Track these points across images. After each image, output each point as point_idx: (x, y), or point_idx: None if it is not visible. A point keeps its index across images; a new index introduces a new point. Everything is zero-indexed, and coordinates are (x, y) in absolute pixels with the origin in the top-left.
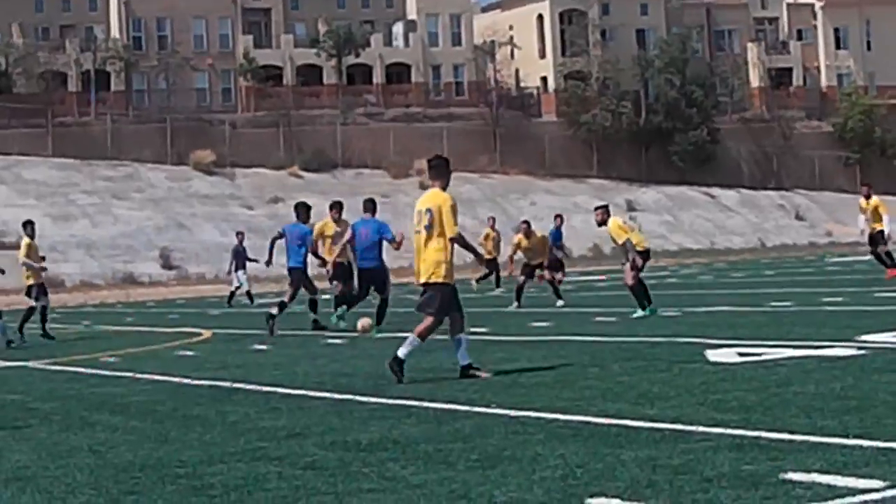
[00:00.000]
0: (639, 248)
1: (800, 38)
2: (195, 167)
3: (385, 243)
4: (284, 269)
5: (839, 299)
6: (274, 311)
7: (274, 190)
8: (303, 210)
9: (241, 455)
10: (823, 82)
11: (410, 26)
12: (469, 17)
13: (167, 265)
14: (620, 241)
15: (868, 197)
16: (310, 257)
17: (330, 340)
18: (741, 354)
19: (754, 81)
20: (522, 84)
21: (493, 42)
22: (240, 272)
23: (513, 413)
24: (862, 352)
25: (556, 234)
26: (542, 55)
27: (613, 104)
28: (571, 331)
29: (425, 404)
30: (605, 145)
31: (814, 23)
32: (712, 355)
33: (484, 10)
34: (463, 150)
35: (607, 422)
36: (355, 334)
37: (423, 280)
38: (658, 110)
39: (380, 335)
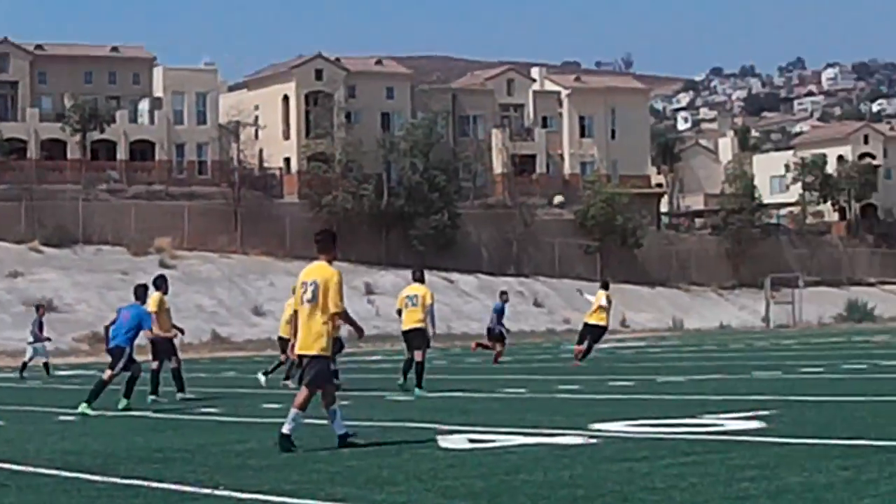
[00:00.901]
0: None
1: (545, 125)
2: None
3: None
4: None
5: (573, 387)
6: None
7: (13, 264)
8: (141, 291)
9: None
10: (567, 170)
11: (156, 103)
12: (215, 96)
13: None
14: None
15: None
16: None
17: (62, 417)
18: (472, 441)
19: (497, 167)
20: (266, 164)
21: (237, 122)
22: (37, 344)
23: (239, 495)
24: (593, 440)
25: (500, 309)
26: (287, 136)
27: (355, 186)
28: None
29: (154, 484)
30: (346, 227)
31: (560, 110)
32: (443, 441)
33: (231, 88)
34: (203, 229)
35: None
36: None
37: (302, 352)
38: (400, 194)
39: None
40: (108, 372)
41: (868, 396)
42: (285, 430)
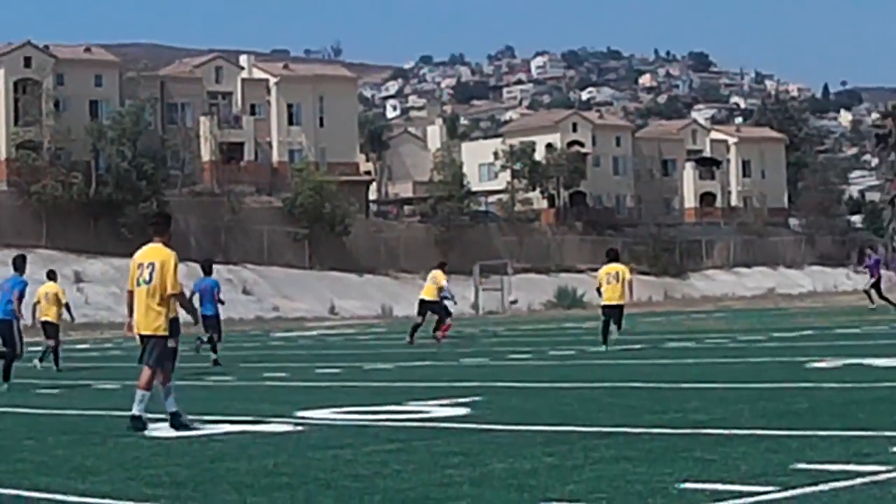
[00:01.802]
0: None
1: (253, 113)
2: None
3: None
4: None
5: (280, 374)
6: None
7: None
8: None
9: None
10: (275, 158)
11: None
12: None
13: None
14: None
15: None
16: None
17: None
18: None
19: (206, 155)
20: None
21: None
22: None
23: None
24: (299, 428)
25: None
26: None
27: (64, 174)
28: (11, 403)
29: None
30: (55, 215)
31: (268, 98)
32: (148, 429)
33: None
34: None
35: (38, 496)
36: None
37: (143, 332)
38: (109, 182)
39: None
40: None
41: (574, 383)
42: (136, 411)
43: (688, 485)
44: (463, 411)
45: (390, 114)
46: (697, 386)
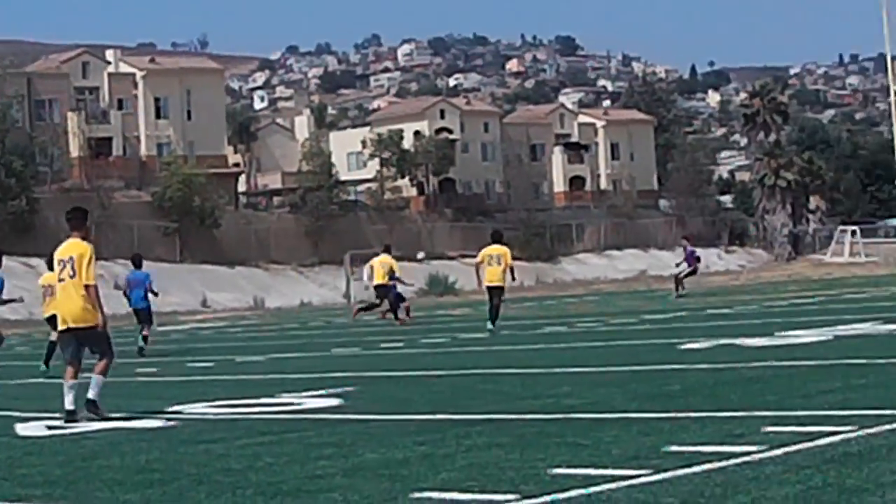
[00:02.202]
0: None
1: (121, 107)
2: None
3: None
4: None
5: (152, 370)
6: None
7: None
8: None
9: None
10: (143, 152)
11: None
12: None
13: None
14: None
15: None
16: None
17: None
18: (50, 427)
19: (74, 151)
20: None
21: None
22: None
23: None
24: (171, 423)
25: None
26: None
27: None
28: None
29: None
30: None
31: (135, 92)
32: (21, 429)
33: None
34: None
35: None
36: None
37: (79, 325)
38: None
39: None
40: None
41: (447, 370)
42: (91, 395)
43: (560, 470)
44: (335, 402)
45: (258, 105)
46: (570, 370)
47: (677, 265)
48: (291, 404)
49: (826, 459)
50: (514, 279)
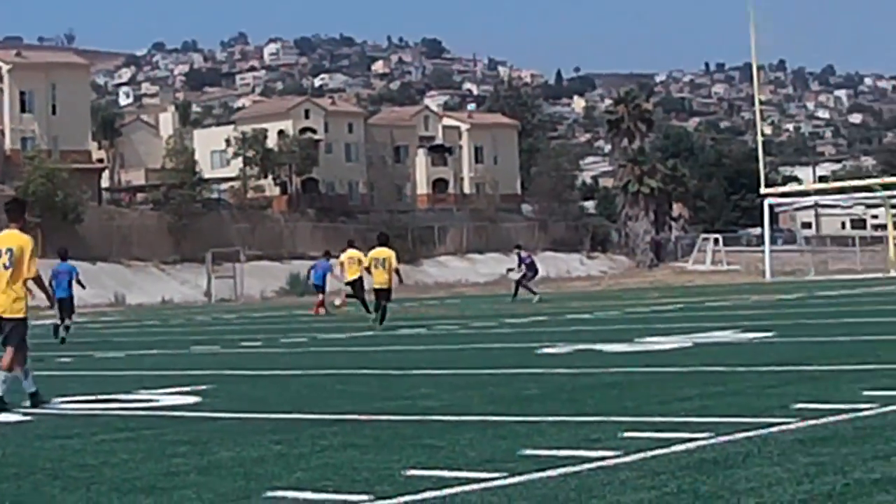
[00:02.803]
0: None
1: None
2: None
3: None
4: None
5: None
6: None
7: None
8: None
9: None
10: (7, 145)
11: None
12: None
13: None
14: None
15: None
16: None
17: None
18: None
19: None
20: None
21: None
22: None
23: None
24: (27, 418)
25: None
26: None
27: None
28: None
29: None
30: None
31: (0, 86)
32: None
33: None
34: None
35: None
36: None
37: (5, 315)
38: None
39: None
40: None
41: (305, 370)
42: None
43: (415, 472)
44: (192, 399)
45: (123, 101)
46: (428, 373)
47: (508, 271)
48: (149, 401)
49: (682, 466)
50: (400, 281)
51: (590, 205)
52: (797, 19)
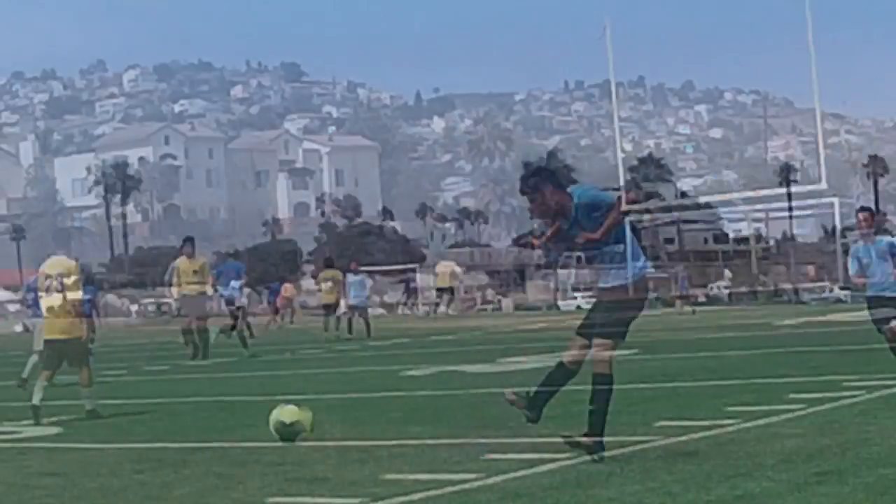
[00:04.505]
0: None
1: None
2: None
3: None
4: None
5: None
6: None
7: None
8: None
9: None
10: None
11: None
12: None
13: None
14: None
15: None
16: None
17: None
18: None
19: None
20: None
21: None
22: None
23: None
24: None
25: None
26: None
27: None
28: None
29: None
30: None
31: None
32: None
33: None
34: None
35: None
36: None
37: (62, 337)
38: None
39: None
40: None
41: (168, 398)
42: None
43: (277, 499)
44: (55, 430)
45: None
46: (291, 397)
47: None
48: (11, 432)
49: (544, 487)
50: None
51: (451, 225)
52: (655, 35)
